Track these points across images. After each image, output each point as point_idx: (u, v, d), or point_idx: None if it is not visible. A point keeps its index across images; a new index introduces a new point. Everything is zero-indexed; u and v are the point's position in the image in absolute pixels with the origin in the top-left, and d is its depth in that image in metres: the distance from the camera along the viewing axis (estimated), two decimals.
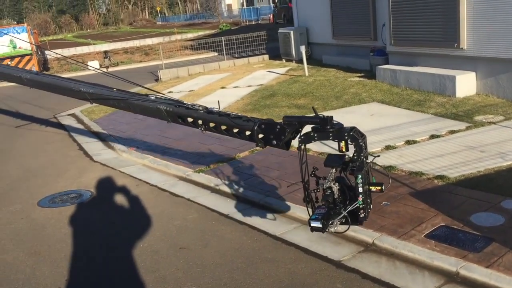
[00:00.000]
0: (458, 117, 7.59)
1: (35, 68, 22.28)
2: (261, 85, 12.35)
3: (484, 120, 7.28)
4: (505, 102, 8.09)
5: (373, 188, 3.95)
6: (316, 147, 6.86)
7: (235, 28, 36.77)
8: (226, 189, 6.00)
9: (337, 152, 4.08)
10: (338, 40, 13.63)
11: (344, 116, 8.30)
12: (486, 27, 8.27)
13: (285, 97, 10.48)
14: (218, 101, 6.08)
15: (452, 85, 8.72)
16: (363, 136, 3.99)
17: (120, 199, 6.13)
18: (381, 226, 4.55)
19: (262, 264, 4.26)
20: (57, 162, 8.11)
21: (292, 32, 15.27)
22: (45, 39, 48.82)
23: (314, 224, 3.77)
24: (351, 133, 3.90)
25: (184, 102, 5.39)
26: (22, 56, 21.34)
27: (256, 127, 4.44)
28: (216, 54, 19.26)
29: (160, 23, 78.19)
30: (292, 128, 4.26)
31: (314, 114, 4.11)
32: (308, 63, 13.20)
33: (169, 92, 13.37)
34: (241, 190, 5.87)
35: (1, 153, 9.11)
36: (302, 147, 4.06)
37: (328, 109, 9.07)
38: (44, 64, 23.21)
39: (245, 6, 66.79)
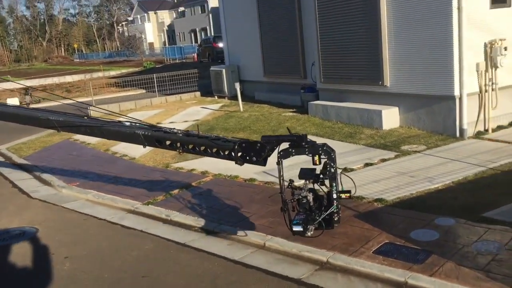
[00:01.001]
0: (387, 147, 8.31)
1: None
2: (197, 120, 12.59)
3: (409, 149, 8.04)
4: (425, 134, 8.98)
5: (343, 195, 4.59)
6: (261, 177, 7.19)
7: (159, 66, 36.88)
8: (178, 219, 6.09)
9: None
10: (269, 78, 14.31)
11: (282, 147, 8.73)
12: (406, 67, 9.23)
13: (223, 131, 10.79)
14: (198, 125, 6.34)
15: (379, 118, 9.54)
16: (333, 150, 4.56)
17: (69, 233, 5.99)
18: (332, 245, 4.90)
19: (229, 286, 4.42)
20: None
21: (224, 70, 15.79)
22: None
23: (296, 228, 4.27)
24: (324, 148, 4.50)
25: (161, 126, 5.63)
26: None
27: (236, 146, 4.82)
28: (144, 91, 19.23)
29: (78, 60, 76.30)
30: (271, 145, 4.71)
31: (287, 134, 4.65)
32: (241, 100, 13.68)
33: None
34: (193, 219, 5.99)
35: None
36: (281, 161, 4.53)
37: None
38: None
39: (167, 45, 67.32)
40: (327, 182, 4.56)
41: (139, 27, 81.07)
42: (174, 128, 5.46)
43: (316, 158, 4.52)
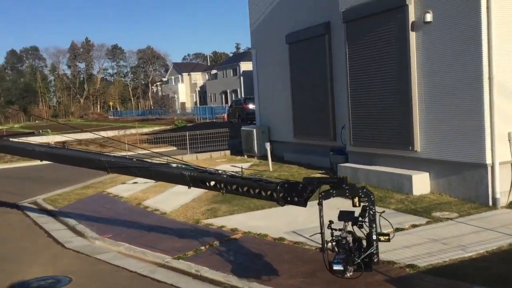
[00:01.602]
0: (418, 212, 8.25)
1: None
2: None
3: (441, 216, 7.96)
4: (457, 201, 8.89)
5: (382, 238, 4.71)
6: (291, 237, 7.22)
7: (190, 125, 37.84)
8: (208, 275, 6.12)
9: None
10: (299, 139, 14.57)
11: (312, 209, 8.77)
12: (437, 132, 9.31)
13: None
14: (241, 167, 6.66)
15: (409, 184, 9.54)
16: (372, 194, 4.76)
17: (102, 284, 6.09)
18: None
19: None
20: (27, 249, 7.93)
21: (255, 130, 16.20)
22: None
23: (337, 267, 4.38)
24: (364, 190, 4.71)
25: (206, 168, 6.07)
26: None
27: (278, 187, 5.02)
28: (175, 148, 19.71)
29: (113, 117, 78.91)
30: (312, 186, 4.88)
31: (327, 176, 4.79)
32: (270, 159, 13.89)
33: (135, 182, 13.51)
34: (223, 275, 6.02)
35: None
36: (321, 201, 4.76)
37: None
38: None
39: (198, 105, 69.28)
40: (365, 225, 4.69)
41: (173, 87, 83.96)
42: (218, 170, 5.73)
43: (356, 200, 4.69)
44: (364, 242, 4.72)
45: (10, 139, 9.89)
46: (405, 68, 9.70)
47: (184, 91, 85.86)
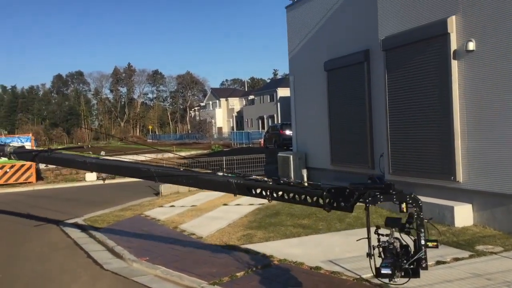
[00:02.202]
0: (460, 245, 7.97)
1: (34, 176, 22.61)
2: (263, 204, 12.77)
3: (485, 250, 7.66)
4: (502, 234, 8.55)
5: (430, 244, 4.63)
6: (328, 266, 7.10)
7: (227, 149, 38.18)
8: None
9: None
10: (336, 166, 14.44)
11: (348, 238, 8.64)
12: (481, 162, 9.05)
13: (289, 216, 10.86)
14: (282, 178, 6.79)
15: (451, 215, 9.26)
16: (420, 199, 4.77)
17: None
18: None
19: None
20: (67, 268, 8.11)
21: (291, 156, 16.18)
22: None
23: (385, 271, 4.42)
24: (412, 196, 4.73)
25: (252, 176, 6.27)
26: (23, 164, 21.76)
27: (325, 193, 5.11)
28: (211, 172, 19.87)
29: (151, 140, 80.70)
30: (359, 192, 4.94)
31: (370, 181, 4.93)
32: None
33: (172, 206, 13.69)
34: None
35: (8, 258, 9.08)
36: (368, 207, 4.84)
37: (332, 230, 9.43)
38: (37, 173, 23.53)
39: (235, 130, 69.99)
40: (411, 232, 4.65)
41: (210, 112, 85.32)
42: (263, 178, 5.92)
43: (404, 205, 4.69)
44: (411, 249, 4.68)
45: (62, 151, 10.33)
46: (446, 96, 9.54)
47: (221, 116, 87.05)
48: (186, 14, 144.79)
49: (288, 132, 34.30)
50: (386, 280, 4.70)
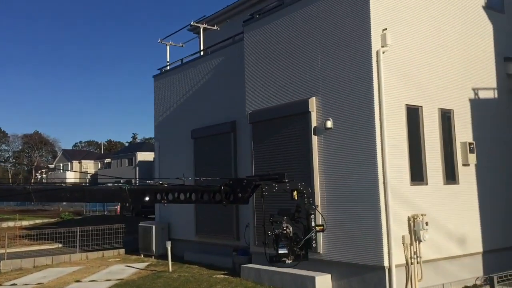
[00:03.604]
0: None
1: None
2: (121, 279, 11.81)
3: None
4: None
5: (317, 228, 5.19)
6: None
7: (78, 218, 35.26)
8: None
9: None
10: (201, 238, 14.14)
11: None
12: (338, 234, 9.60)
13: None
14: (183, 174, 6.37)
15: (312, 285, 9.54)
16: (309, 188, 5.36)
17: None
18: None
19: None
20: None
21: (154, 226, 15.45)
22: None
23: (282, 251, 4.95)
24: (302, 184, 5.26)
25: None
26: None
27: (223, 186, 5.18)
28: (61, 245, 17.92)
29: None
30: (255, 182, 5.17)
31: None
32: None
33: (13, 284, 11.91)
34: None
35: None
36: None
37: None
38: None
39: None
40: (300, 221, 5.13)
41: (60, 175, 79.33)
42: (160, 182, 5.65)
43: (295, 193, 5.17)
44: (302, 235, 5.13)
45: None
46: (308, 170, 10.15)
47: (73, 180, 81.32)
48: (36, 71, 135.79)
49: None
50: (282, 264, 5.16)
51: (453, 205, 10.06)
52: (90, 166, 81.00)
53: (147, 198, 5.60)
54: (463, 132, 10.59)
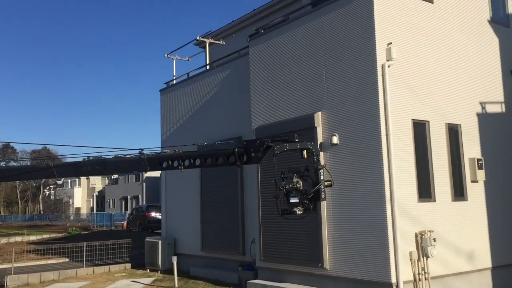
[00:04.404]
0: None
1: None
2: None
3: None
4: None
5: (326, 183, 5.73)
6: None
7: (85, 232, 35.29)
8: None
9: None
10: (207, 253, 14.07)
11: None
12: (345, 250, 9.51)
13: None
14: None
15: None
16: (317, 149, 5.71)
17: None
18: None
19: None
20: None
21: (160, 241, 15.40)
22: None
23: (293, 200, 5.49)
24: (312, 143, 5.78)
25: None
26: None
27: (237, 149, 5.61)
28: (67, 260, 17.93)
29: None
30: (267, 143, 5.60)
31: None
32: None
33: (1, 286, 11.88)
34: None
35: None
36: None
37: None
38: None
39: (95, 211, 65.68)
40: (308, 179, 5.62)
41: (68, 191, 79.63)
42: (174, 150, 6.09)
43: (305, 152, 5.62)
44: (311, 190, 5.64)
45: None
46: (314, 185, 10.07)
47: (80, 196, 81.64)
48: (48, 85, 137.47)
49: (154, 214, 33.00)
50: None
51: (461, 221, 9.96)
52: (97, 182, 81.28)
53: (164, 165, 6.06)
54: (472, 147, 10.53)
